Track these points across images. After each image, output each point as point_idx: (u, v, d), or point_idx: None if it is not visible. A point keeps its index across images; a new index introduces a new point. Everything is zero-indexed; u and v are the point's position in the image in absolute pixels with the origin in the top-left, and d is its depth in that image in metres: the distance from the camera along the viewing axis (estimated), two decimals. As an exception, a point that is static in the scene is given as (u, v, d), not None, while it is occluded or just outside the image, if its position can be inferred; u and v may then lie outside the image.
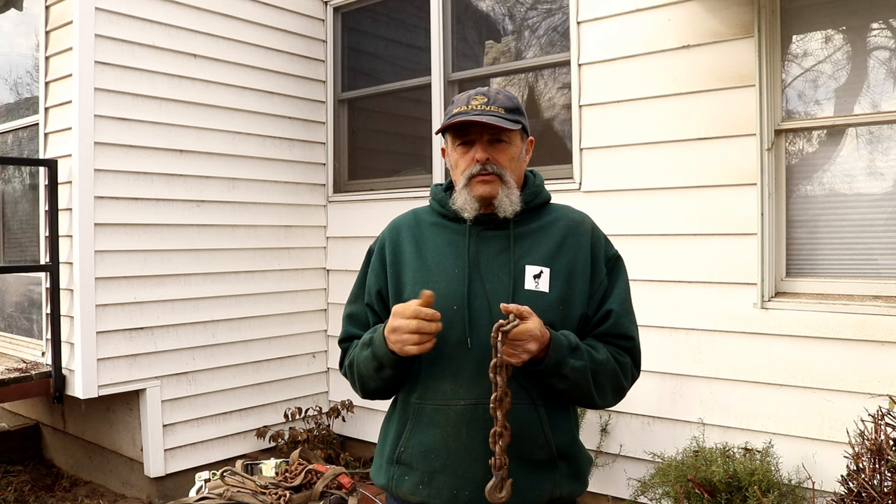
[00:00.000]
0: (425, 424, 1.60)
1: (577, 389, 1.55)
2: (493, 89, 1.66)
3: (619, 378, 1.61)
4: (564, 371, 1.50)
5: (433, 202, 1.75)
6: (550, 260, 1.62)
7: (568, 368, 1.50)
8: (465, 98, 1.64)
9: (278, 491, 2.65)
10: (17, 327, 4.26)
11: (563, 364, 1.50)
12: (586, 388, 1.55)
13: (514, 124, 1.59)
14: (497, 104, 1.60)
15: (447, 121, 1.62)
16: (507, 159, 1.62)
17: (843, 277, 3.01)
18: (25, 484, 4.28)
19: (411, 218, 1.77)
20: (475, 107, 1.59)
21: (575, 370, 1.51)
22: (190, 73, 4.05)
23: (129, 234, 3.80)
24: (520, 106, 1.66)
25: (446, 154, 1.72)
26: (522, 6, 4.16)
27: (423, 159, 4.42)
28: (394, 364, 1.56)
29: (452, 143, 1.66)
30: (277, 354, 4.50)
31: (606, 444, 3.50)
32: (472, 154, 1.61)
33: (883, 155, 2.95)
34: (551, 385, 1.54)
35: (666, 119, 3.34)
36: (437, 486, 1.57)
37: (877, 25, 2.99)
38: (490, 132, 1.60)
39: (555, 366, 1.49)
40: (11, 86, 4.47)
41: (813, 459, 2.89)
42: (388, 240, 1.74)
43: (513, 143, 1.64)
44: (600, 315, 1.64)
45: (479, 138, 1.61)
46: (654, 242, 3.37)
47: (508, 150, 1.63)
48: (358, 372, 1.66)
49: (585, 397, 1.58)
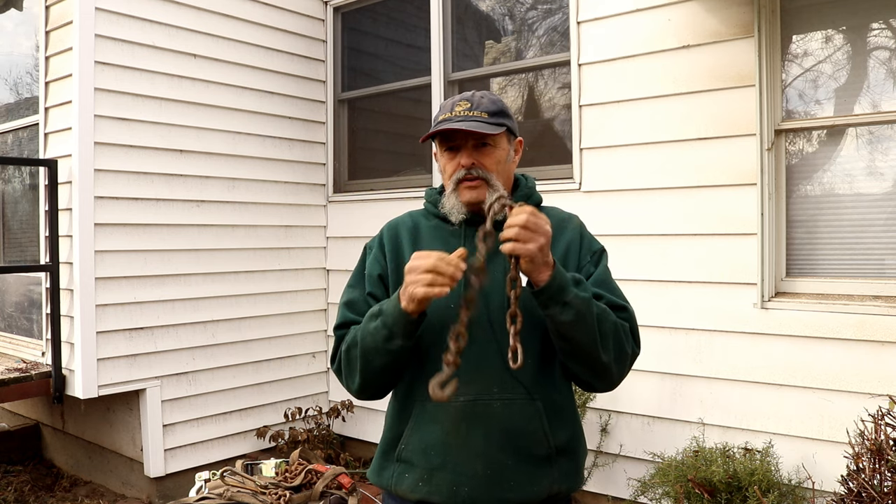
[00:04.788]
0: (427, 421, 1.61)
1: (580, 325, 1.48)
2: (477, 94, 1.68)
3: (622, 337, 1.57)
4: (568, 297, 1.46)
5: (428, 204, 1.78)
6: None
7: (572, 295, 1.47)
8: (449, 104, 1.67)
9: (278, 491, 2.65)
10: (17, 327, 4.26)
11: (567, 290, 1.47)
12: (591, 328, 1.49)
13: (496, 128, 1.61)
14: (480, 108, 1.63)
15: (432, 128, 1.65)
16: (493, 163, 1.63)
17: (843, 277, 3.01)
18: (25, 484, 4.28)
19: (408, 219, 1.80)
20: (458, 113, 1.62)
21: (579, 299, 1.47)
22: (190, 73, 4.05)
23: (129, 234, 3.80)
24: (504, 108, 1.68)
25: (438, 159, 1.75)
26: (522, 6, 4.16)
27: (423, 159, 4.42)
28: (405, 329, 1.49)
29: (440, 149, 1.69)
30: (277, 354, 4.50)
31: (606, 444, 3.50)
32: (458, 159, 1.64)
33: (883, 155, 2.95)
34: (555, 319, 1.48)
35: (666, 119, 3.34)
36: (437, 482, 1.58)
37: (877, 25, 2.99)
38: (474, 137, 1.62)
39: (559, 290, 1.46)
40: (11, 86, 4.47)
41: (813, 459, 2.89)
42: (387, 237, 1.75)
43: (498, 146, 1.65)
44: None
45: (465, 143, 1.63)
46: (654, 242, 3.37)
47: (494, 154, 1.64)
48: (362, 349, 1.57)
49: (590, 345, 1.51)
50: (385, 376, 1.62)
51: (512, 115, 1.72)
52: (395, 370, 1.61)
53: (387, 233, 1.77)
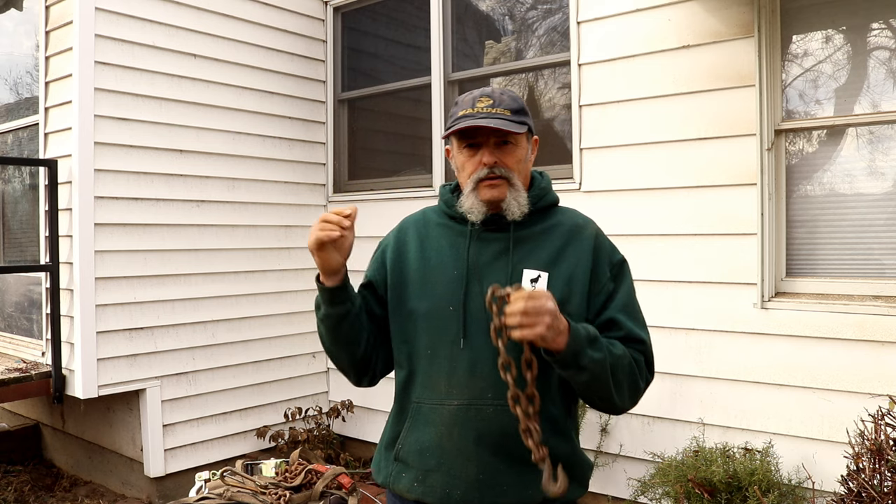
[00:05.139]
0: (422, 423, 1.61)
1: (595, 383, 1.50)
2: (496, 90, 1.64)
3: (636, 376, 1.58)
4: (583, 362, 1.45)
5: (441, 202, 1.75)
6: (550, 265, 1.60)
7: (587, 360, 1.45)
8: (469, 100, 1.62)
9: (278, 491, 2.65)
10: (17, 327, 4.26)
11: (582, 355, 1.45)
12: (605, 383, 1.50)
13: (520, 126, 1.58)
14: (502, 105, 1.59)
15: (453, 124, 1.61)
16: (514, 161, 1.61)
17: (843, 277, 3.01)
18: (25, 484, 4.28)
19: (420, 217, 1.78)
20: (481, 109, 1.58)
21: (594, 362, 1.46)
22: (190, 73, 4.05)
23: (129, 234, 3.80)
24: (524, 106, 1.64)
25: (451, 156, 1.70)
26: (522, 6, 4.16)
27: (423, 159, 4.42)
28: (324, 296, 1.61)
29: (458, 146, 1.64)
30: (277, 354, 4.50)
31: (606, 444, 3.50)
32: (479, 157, 1.59)
33: (883, 155, 2.95)
34: (570, 379, 1.51)
35: (666, 119, 3.34)
36: (431, 484, 1.59)
37: (877, 25, 2.99)
38: (497, 135, 1.59)
39: (573, 356, 1.44)
40: (11, 86, 4.47)
41: (813, 459, 2.89)
42: (394, 240, 1.77)
43: (519, 144, 1.62)
44: (604, 321, 1.60)
45: (486, 141, 1.59)
46: (654, 242, 3.37)
47: (516, 153, 1.61)
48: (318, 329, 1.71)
49: (604, 395, 1.54)
50: (338, 348, 1.68)
51: (529, 112, 1.68)
52: (346, 342, 1.67)
53: (394, 238, 1.78)
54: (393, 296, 1.69)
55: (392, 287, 1.70)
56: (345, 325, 1.65)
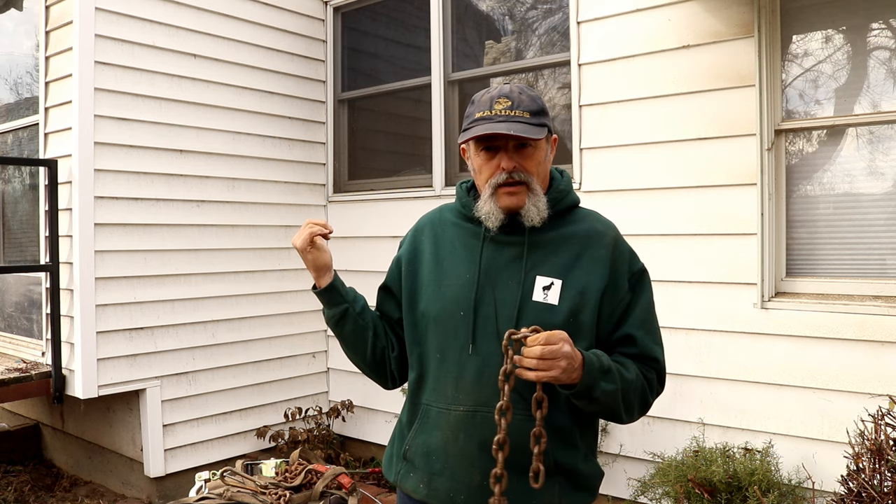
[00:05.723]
0: (430, 426, 1.61)
1: (606, 411, 1.55)
2: (515, 90, 1.57)
3: (647, 394, 1.60)
4: (595, 395, 1.47)
5: (456, 202, 1.71)
6: (565, 272, 1.56)
7: (599, 392, 1.46)
8: (487, 100, 1.56)
9: (278, 491, 2.64)
10: (17, 327, 4.25)
11: (595, 388, 1.46)
12: (616, 409, 1.54)
13: (540, 130, 1.53)
14: (521, 107, 1.53)
15: (470, 126, 1.56)
16: (534, 165, 1.56)
17: (843, 277, 3.01)
18: (25, 484, 4.28)
19: (437, 216, 1.76)
20: (499, 112, 1.52)
21: (606, 394, 1.48)
22: (190, 73, 4.04)
23: (129, 234, 3.80)
24: (544, 106, 1.58)
25: (468, 156, 1.65)
26: (522, 6, 4.16)
27: (424, 159, 4.41)
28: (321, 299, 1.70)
29: (476, 149, 1.59)
30: (277, 354, 4.50)
31: (606, 444, 3.50)
32: (498, 161, 1.54)
33: (883, 155, 2.95)
34: (582, 407, 1.53)
35: (666, 119, 3.34)
36: (435, 487, 1.59)
37: (877, 25, 2.99)
38: (516, 139, 1.53)
39: (586, 389, 1.45)
40: (11, 86, 4.47)
41: (813, 459, 2.89)
42: (409, 243, 1.76)
43: (539, 147, 1.57)
44: (620, 336, 1.60)
45: (505, 145, 1.54)
46: (654, 242, 3.37)
47: (535, 156, 1.56)
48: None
49: (613, 416, 1.58)
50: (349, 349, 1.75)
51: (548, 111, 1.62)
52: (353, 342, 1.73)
53: (411, 237, 1.77)
54: (406, 297, 1.69)
55: (406, 290, 1.70)
56: (347, 323, 1.68)
